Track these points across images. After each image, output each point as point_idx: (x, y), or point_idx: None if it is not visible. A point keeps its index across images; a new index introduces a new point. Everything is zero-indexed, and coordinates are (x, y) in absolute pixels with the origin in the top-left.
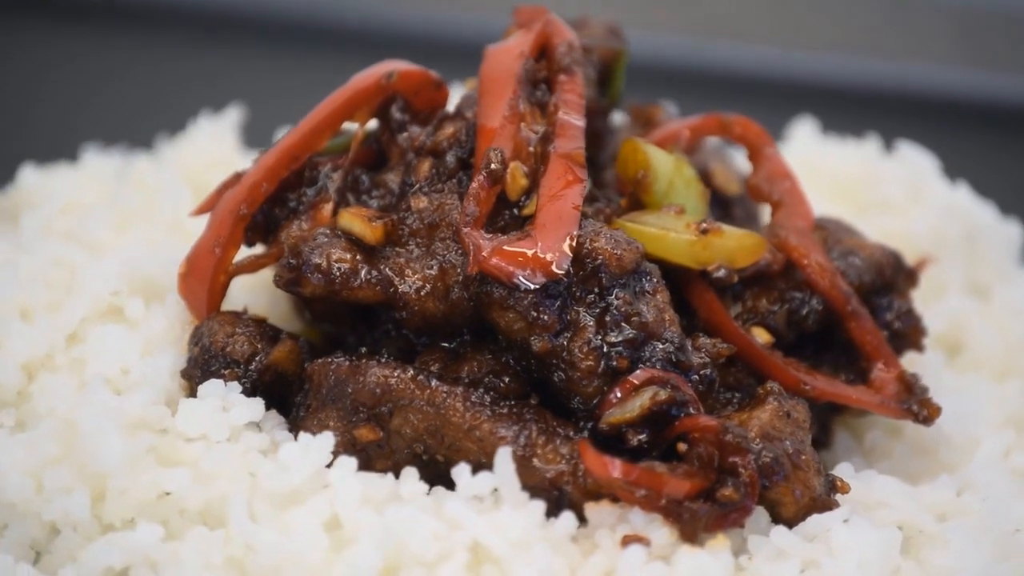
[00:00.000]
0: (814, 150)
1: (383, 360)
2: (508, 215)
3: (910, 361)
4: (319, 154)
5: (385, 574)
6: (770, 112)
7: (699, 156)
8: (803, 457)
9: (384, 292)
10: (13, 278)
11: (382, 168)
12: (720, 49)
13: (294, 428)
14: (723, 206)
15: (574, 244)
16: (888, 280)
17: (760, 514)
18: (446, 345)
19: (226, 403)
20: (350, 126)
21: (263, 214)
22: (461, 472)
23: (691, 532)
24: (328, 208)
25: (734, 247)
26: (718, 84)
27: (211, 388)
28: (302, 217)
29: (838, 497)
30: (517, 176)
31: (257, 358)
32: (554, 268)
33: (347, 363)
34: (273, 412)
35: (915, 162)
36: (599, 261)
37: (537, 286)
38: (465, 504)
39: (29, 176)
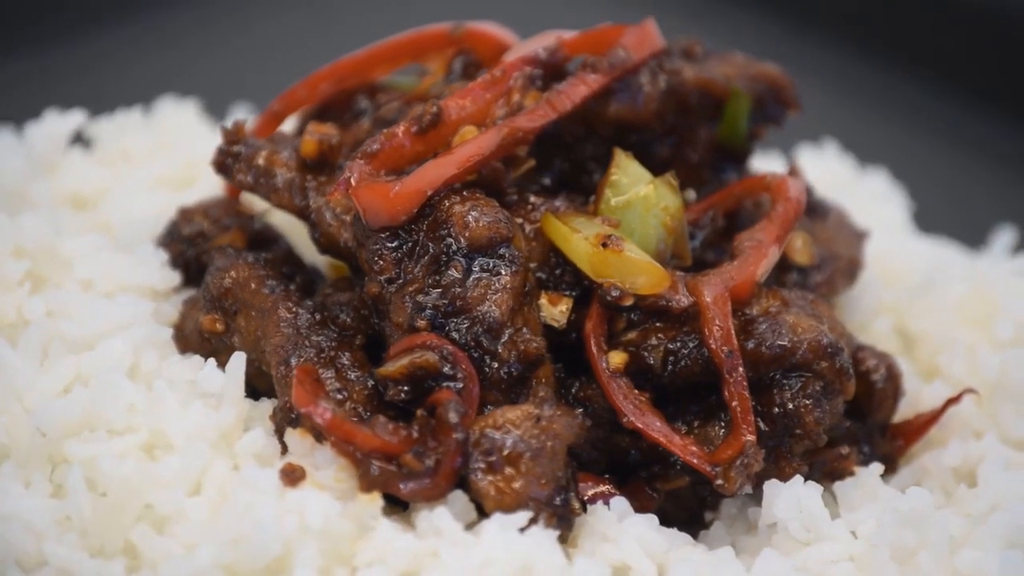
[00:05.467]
0: (999, 280)
1: (256, 262)
2: None
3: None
4: (390, 89)
5: (75, 427)
6: None
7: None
8: (522, 461)
9: (297, 204)
10: (114, 123)
11: None
12: None
13: None
14: (783, 270)
15: (423, 198)
16: (802, 362)
17: (459, 498)
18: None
19: (141, 265)
20: None
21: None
22: (208, 365)
23: (366, 484)
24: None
25: (633, 272)
26: None
27: (142, 250)
28: None
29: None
30: (465, 138)
31: (198, 240)
32: (392, 210)
33: (231, 255)
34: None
35: None
36: (449, 225)
37: (373, 226)
38: (177, 394)
39: None
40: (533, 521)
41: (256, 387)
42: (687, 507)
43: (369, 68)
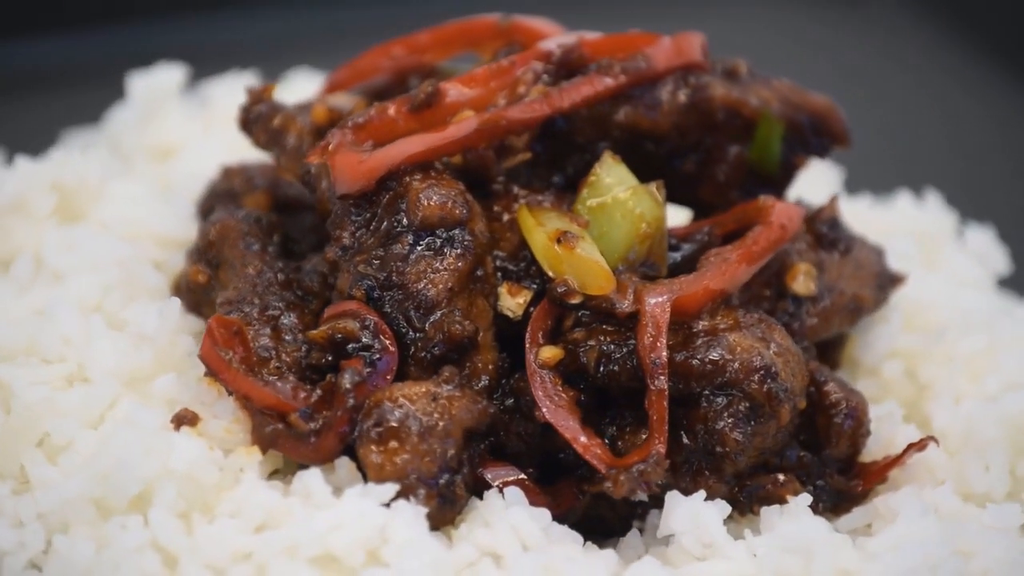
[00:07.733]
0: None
1: (246, 219)
2: None
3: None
4: (445, 74)
5: (15, 351)
6: None
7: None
8: (409, 436)
9: (300, 170)
10: (226, 84)
11: None
12: None
13: None
14: (781, 297)
15: (383, 172)
16: (732, 381)
17: (344, 464)
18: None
19: (168, 215)
20: None
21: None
22: (153, 308)
23: (256, 439)
24: None
25: (582, 271)
26: None
27: (175, 201)
28: None
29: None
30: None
31: (226, 198)
32: (354, 179)
33: (228, 210)
34: None
35: None
36: (404, 201)
37: (338, 193)
38: (116, 332)
39: None
40: (403, 495)
41: None
42: (620, 513)
43: (421, 50)
